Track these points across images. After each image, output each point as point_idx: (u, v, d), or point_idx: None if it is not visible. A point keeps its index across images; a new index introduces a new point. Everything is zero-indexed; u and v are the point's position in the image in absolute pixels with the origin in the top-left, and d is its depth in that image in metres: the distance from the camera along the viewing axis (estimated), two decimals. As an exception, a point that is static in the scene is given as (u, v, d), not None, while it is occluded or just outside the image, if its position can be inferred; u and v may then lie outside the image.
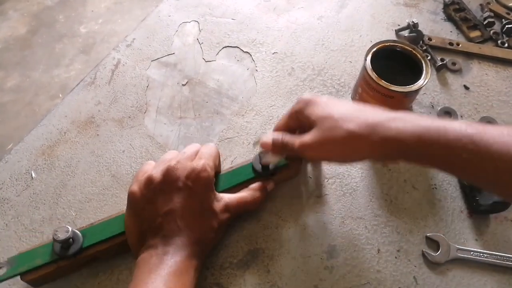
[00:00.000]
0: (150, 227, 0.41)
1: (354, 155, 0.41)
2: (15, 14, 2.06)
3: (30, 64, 1.86)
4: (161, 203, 0.41)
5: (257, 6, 0.74)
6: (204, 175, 0.42)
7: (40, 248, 0.42)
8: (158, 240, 0.40)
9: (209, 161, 0.44)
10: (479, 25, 0.70)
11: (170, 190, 0.42)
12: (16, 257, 0.42)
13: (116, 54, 0.66)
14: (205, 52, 0.67)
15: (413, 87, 0.53)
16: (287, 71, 0.65)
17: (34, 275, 0.41)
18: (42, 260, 0.41)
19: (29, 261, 0.41)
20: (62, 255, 0.41)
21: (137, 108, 0.60)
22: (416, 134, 0.37)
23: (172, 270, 0.37)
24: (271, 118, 0.59)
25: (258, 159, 0.48)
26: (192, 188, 0.42)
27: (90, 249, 0.43)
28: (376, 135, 0.38)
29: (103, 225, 0.44)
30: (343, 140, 0.39)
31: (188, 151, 0.46)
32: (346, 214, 0.51)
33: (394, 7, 0.74)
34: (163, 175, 0.42)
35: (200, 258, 0.41)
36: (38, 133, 0.57)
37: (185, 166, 0.43)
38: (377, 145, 0.38)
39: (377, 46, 0.56)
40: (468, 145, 0.35)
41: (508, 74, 0.65)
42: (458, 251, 0.48)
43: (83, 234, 0.43)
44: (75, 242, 0.42)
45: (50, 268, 0.42)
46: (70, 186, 0.52)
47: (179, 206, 0.41)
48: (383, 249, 0.48)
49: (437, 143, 0.36)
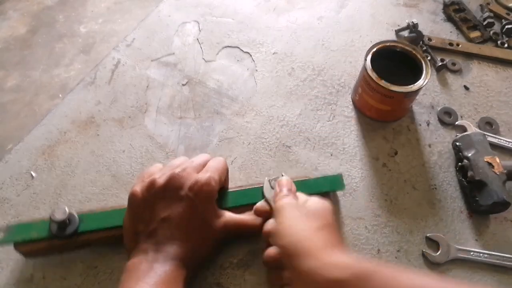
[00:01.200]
0: (145, 230, 0.41)
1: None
2: (15, 14, 2.06)
3: (30, 64, 1.86)
4: (159, 208, 0.41)
5: (257, 6, 0.74)
6: (207, 189, 0.42)
7: (39, 223, 0.44)
8: (150, 245, 0.40)
9: (215, 175, 0.44)
10: (479, 26, 0.70)
11: (171, 198, 0.41)
12: (15, 226, 0.43)
13: (116, 54, 0.66)
14: (205, 52, 0.67)
15: (413, 87, 0.53)
16: (287, 71, 0.65)
17: (28, 247, 0.43)
18: (38, 234, 0.43)
19: (26, 233, 0.43)
20: (57, 234, 0.42)
21: (137, 108, 0.60)
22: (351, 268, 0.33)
23: (160, 278, 0.37)
24: (271, 118, 0.59)
25: (268, 185, 0.47)
26: (193, 199, 0.41)
27: (85, 235, 0.44)
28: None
29: (102, 215, 0.45)
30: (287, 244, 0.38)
31: (196, 161, 0.45)
32: (346, 214, 0.51)
33: (394, 7, 0.74)
34: (166, 181, 0.42)
35: (190, 269, 0.41)
36: (38, 133, 0.57)
37: (190, 176, 0.43)
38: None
39: (377, 46, 0.56)
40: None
41: (508, 74, 0.65)
42: (458, 251, 0.48)
43: (81, 218, 0.44)
44: (71, 224, 0.43)
45: (43, 244, 0.43)
46: (70, 186, 0.52)
47: (176, 215, 0.41)
48: (383, 249, 0.48)
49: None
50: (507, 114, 0.61)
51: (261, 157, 0.55)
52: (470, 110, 0.61)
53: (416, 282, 0.32)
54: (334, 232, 0.39)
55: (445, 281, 0.33)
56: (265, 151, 0.56)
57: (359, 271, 0.33)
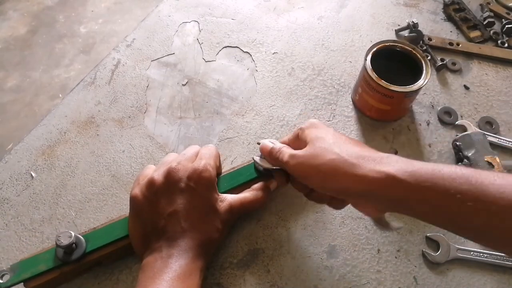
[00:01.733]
0: (154, 229, 0.40)
1: (333, 182, 0.38)
2: (15, 14, 2.06)
3: (30, 64, 1.86)
4: (163, 205, 0.41)
5: (257, 6, 0.74)
6: (206, 175, 0.42)
7: (43, 254, 0.42)
8: (163, 243, 0.39)
9: (210, 160, 0.44)
10: (479, 25, 0.70)
11: (173, 192, 0.41)
12: (19, 263, 0.41)
13: (116, 54, 0.66)
14: (205, 52, 0.67)
15: (413, 87, 0.53)
16: (287, 71, 0.65)
17: (38, 281, 0.41)
18: (45, 266, 0.41)
19: (32, 268, 0.41)
20: (65, 260, 0.41)
21: (137, 108, 0.60)
22: (408, 170, 0.35)
23: (177, 274, 0.37)
24: (271, 118, 0.59)
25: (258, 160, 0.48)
26: (194, 188, 0.42)
27: (93, 254, 0.43)
28: (365, 166, 0.36)
29: (106, 229, 0.44)
30: (328, 162, 0.38)
31: (188, 153, 0.45)
32: (346, 214, 0.51)
33: (394, 7, 0.74)
34: (164, 177, 0.42)
35: (205, 259, 0.41)
36: (38, 133, 0.57)
37: (186, 167, 0.43)
38: (362, 177, 0.36)
39: (377, 46, 0.56)
40: (463, 185, 0.32)
41: (508, 74, 0.65)
42: (458, 251, 0.48)
43: (86, 239, 0.43)
44: (78, 247, 0.42)
45: (53, 274, 0.41)
46: (70, 186, 0.52)
47: (182, 208, 0.41)
48: (383, 249, 0.48)
49: (430, 181, 0.34)
50: (507, 113, 0.61)
51: (261, 157, 0.55)
52: (470, 109, 0.61)
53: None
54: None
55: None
56: (265, 151, 0.56)
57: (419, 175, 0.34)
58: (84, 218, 0.50)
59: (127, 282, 0.46)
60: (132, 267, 0.46)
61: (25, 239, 0.48)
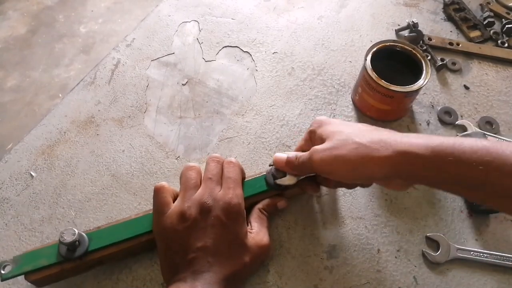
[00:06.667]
0: (183, 260, 0.40)
1: (362, 170, 0.39)
2: (15, 14, 2.06)
3: (30, 64, 1.86)
4: (194, 239, 0.40)
5: (257, 6, 0.73)
6: (236, 210, 0.42)
7: (46, 248, 0.42)
8: (188, 274, 0.39)
9: (237, 189, 0.44)
10: (479, 25, 0.70)
11: (204, 226, 0.41)
12: (22, 256, 0.42)
13: (116, 54, 0.66)
14: (205, 52, 0.67)
15: (413, 87, 0.53)
16: (287, 71, 0.65)
17: (39, 275, 0.41)
18: (47, 260, 0.41)
19: (35, 261, 0.41)
20: (67, 257, 0.41)
21: (137, 108, 0.60)
22: (430, 146, 0.36)
23: None
24: (271, 118, 0.59)
25: (271, 172, 0.47)
26: (225, 223, 0.41)
27: (96, 253, 0.43)
28: (387, 148, 0.37)
29: (110, 230, 0.44)
30: (352, 151, 0.39)
31: (214, 174, 0.44)
32: (346, 214, 0.51)
33: (394, 7, 0.74)
34: (198, 213, 0.41)
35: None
36: (38, 133, 0.57)
37: (217, 199, 0.42)
38: (387, 159, 0.37)
39: (377, 46, 0.56)
40: (485, 157, 0.34)
41: (508, 74, 0.65)
42: (458, 251, 0.47)
43: (90, 237, 0.43)
44: (81, 245, 0.42)
45: (54, 269, 0.41)
46: (70, 186, 0.52)
47: (211, 243, 0.40)
48: (383, 249, 0.48)
49: (451, 155, 0.35)
50: (507, 113, 0.61)
51: (261, 156, 0.55)
52: (470, 109, 0.61)
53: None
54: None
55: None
56: (265, 151, 0.56)
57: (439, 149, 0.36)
58: (84, 218, 0.50)
59: (127, 281, 0.46)
60: (132, 267, 0.46)
61: (25, 238, 0.48)
